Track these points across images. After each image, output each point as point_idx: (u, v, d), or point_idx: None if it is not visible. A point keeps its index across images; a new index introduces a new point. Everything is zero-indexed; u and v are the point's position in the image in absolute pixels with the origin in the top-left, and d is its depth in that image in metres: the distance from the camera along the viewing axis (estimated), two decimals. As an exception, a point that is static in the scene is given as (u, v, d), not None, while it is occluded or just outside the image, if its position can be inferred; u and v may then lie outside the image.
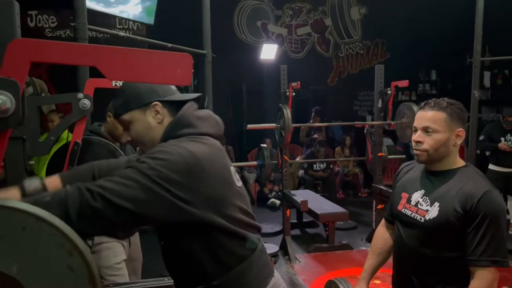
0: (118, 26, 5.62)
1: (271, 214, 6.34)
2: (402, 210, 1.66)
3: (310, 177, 6.78)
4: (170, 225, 1.21)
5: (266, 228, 5.52)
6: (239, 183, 1.34)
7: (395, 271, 1.76)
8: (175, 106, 1.31)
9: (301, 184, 7.05)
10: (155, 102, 1.29)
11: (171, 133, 1.26)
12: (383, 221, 1.89)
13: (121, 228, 1.76)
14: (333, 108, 8.12)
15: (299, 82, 4.27)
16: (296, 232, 5.36)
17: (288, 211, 4.64)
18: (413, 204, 1.62)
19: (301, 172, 6.99)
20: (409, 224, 1.62)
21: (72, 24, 2.62)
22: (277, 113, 4.54)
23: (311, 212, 4.80)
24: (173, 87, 1.38)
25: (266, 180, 6.18)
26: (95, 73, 2.30)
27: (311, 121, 7.10)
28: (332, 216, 4.75)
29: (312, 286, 3.87)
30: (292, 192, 4.73)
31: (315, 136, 7.09)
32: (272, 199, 6.57)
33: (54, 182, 1.42)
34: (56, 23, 5.58)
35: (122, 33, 5.10)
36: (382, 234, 1.86)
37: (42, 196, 1.06)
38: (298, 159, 6.97)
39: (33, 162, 1.79)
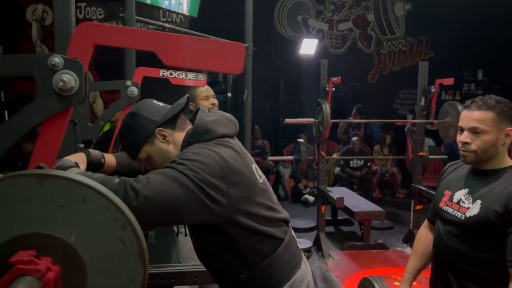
0: (162, 19, 5.73)
1: (304, 210, 6.33)
2: (444, 208, 1.63)
3: (346, 174, 6.71)
4: (199, 225, 1.26)
5: (300, 223, 5.53)
6: (261, 179, 1.37)
7: (433, 270, 1.73)
8: (174, 120, 1.34)
9: (337, 181, 6.98)
10: (157, 130, 1.32)
11: (193, 140, 1.29)
12: (425, 222, 1.84)
13: (155, 226, 1.82)
14: (373, 106, 7.97)
15: (339, 77, 4.23)
16: (330, 229, 5.33)
17: (323, 207, 4.62)
18: (455, 202, 1.59)
19: (337, 169, 6.93)
20: (449, 221, 1.59)
21: (121, 15, 2.70)
22: (316, 108, 4.51)
23: (346, 210, 4.76)
24: (161, 104, 1.39)
25: (302, 175, 6.16)
26: (140, 63, 2.36)
27: (351, 118, 7.01)
28: (368, 214, 4.70)
29: (345, 283, 3.85)
30: (328, 188, 4.70)
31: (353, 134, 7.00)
32: (306, 195, 6.55)
33: (110, 160, 1.50)
34: (103, 15, 5.76)
35: (167, 25, 5.22)
36: (425, 236, 1.81)
37: (94, 178, 1.12)
38: (334, 156, 6.91)
39: (83, 145, 1.88)
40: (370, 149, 7.31)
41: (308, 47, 6.94)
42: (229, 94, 6.44)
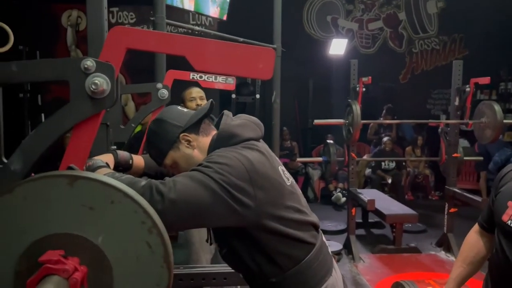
0: (191, 22, 5.80)
1: (334, 213, 6.25)
2: (508, 222, 1.44)
3: (377, 176, 6.59)
4: (227, 230, 1.25)
5: (330, 225, 5.46)
6: (289, 181, 1.34)
7: (487, 286, 1.58)
8: (198, 125, 1.35)
9: (367, 183, 6.87)
10: (181, 135, 1.33)
11: (219, 146, 1.28)
12: (476, 226, 1.69)
13: (181, 229, 1.84)
14: (405, 106, 7.79)
15: (370, 77, 4.16)
16: (360, 232, 5.24)
17: (353, 210, 4.55)
18: None
19: (368, 171, 6.81)
20: None
21: (152, 18, 2.74)
22: (346, 109, 4.45)
23: (377, 212, 4.66)
24: (185, 109, 1.40)
25: (331, 177, 6.10)
26: (170, 65, 2.38)
27: (381, 119, 6.89)
28: (400, 217, 4.59)
29: (377, 287, 3.77)
30: (359, 190, 4.63)
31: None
32: (337, 194, 6.44)
33: (139, 161, 1.52)
34: (134, 19, 5.88)
35: (197, 28, 5.27)
36: (476, 242, 1.66)
37: (121, 179, 1.13)
38: (365, 157, 6.80)
39: (115, 147, 1.91)
40: (402, 151, 7.15)
41: (338, 47, 6.86)
42: (258, 96, 6.44)
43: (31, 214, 0.73)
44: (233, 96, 6.89)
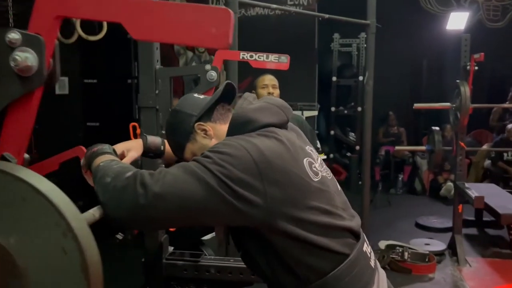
0: (289, 3, 5.62)
1: (443, 207, 5.61)
2: None
3: (498, 169, 5.72)
4: (239, 229, 1.10)
5: (435, 222, 4.95)
6: (318, 177, 1.11)
7: None
8: (212, 112, 1.22)
9: (487, 176, 6.02)
10: (196, 125, 1.20)
11: (233, 134, 1.12)
12: None
13: (170, 227, 1.71)
14: (540, 88, 6.64)
15: (482, 54, 3.55)
16: (472, 231, 4.63)
17: (460, 206, 4.01)
18: None
19: (487, 162, 5.96)
20: None
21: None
22: (454, 91, 3.90)
23: (491, 211, 4.03)
24: (201, 96, 1.28)
25: (435, 168, 5.47)
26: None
27: (507, 103, 5.93)
28: (519, 218, 3.91)
29: (481, 297, 3.27)
30: (468, 185, 4.05)
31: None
32: (448, 185, 5.76)
33: None
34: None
35: (293, 9, 5.09)
36: None
37: (113, 168, 1.05)
38: (485, 147, 5.96)
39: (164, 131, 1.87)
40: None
41: (457, 21, 6.05)
42: (361, 78, 6.04)
43: None
44: (334, 79, 6.59)
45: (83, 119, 5.43)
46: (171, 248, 1.87)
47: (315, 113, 5.55)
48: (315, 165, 1.15)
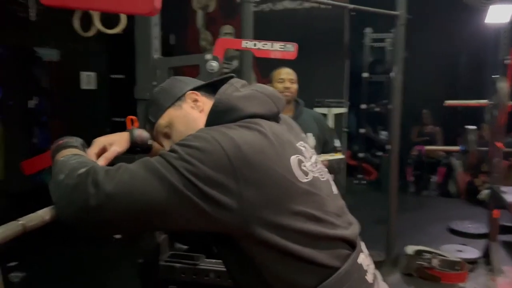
0: (318, -4, 5.44)
1: (480, 212, 5.24)
2: None
3: (542, 172, 5.33)
4: (207, 235, 0.98)
5: (470, 227, 4.66)
6: (308, 177, 0.96)
7: None
8: (214, 89, 1.09)
9: (530, 180, 5.62)
10: (188, 92, 1.11)
11: (212, 124, 0.99)
12: None
13: (128, 232, 1.55)
14: None
15: (521, 47, 3.27)
16: (509, 238, 4.30)
17: (495, 211, 3.72)
18: None
19: (530, 164, 5.57)
20: None
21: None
22: (491, 88, 3.62)
23: (530, 217, 3.73)
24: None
25: (470, 170, 5.14)
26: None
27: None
28: (563, 226, 3.59)
29: (515, 311, 3.01)
30: (504, 188, 3.75)
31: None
32: (485, 191, 5.41)
33: None
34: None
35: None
36: None
37: (70, 162, 0.95)
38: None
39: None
40: None
41: (498, 14, 5.66)
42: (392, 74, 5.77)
43: None
44: (365, 75, 6.34)
45: (110, 114, 5.47)
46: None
47: (344, 110, 5.34)
48: (306, 164, 0.99)
